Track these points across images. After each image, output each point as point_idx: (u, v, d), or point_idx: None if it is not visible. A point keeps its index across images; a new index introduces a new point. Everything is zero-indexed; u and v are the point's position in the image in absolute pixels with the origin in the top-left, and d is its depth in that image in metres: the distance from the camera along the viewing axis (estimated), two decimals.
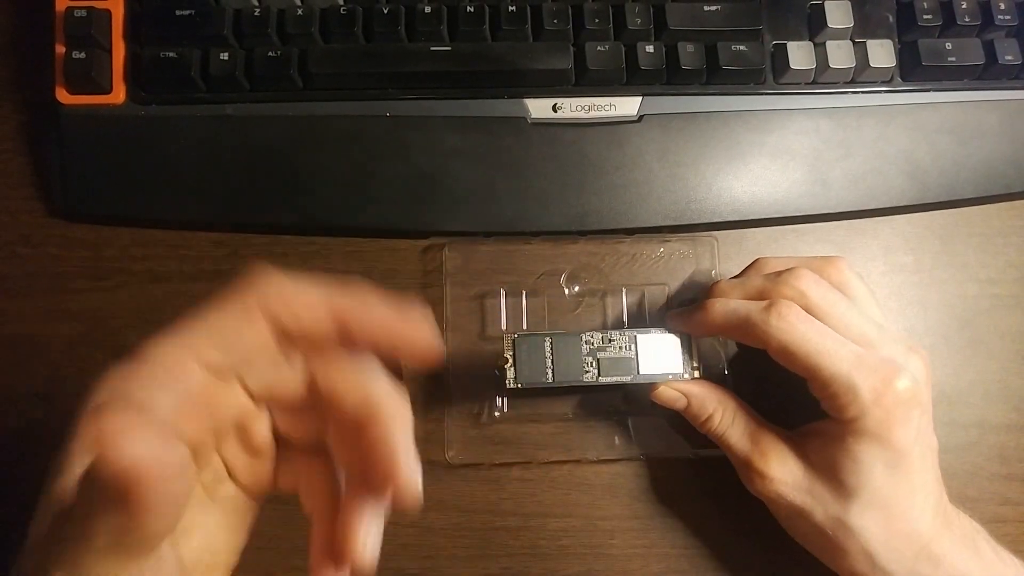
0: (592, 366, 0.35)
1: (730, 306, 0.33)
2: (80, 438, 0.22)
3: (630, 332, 0.35)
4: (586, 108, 0.40)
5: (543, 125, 0.40)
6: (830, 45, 0.40)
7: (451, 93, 0.40)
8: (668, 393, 0.35)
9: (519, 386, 0.35)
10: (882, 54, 0.40)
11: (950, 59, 0.40)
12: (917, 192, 0.40)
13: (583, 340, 0.35)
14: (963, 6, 0.40)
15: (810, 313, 0.31)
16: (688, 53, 0.40)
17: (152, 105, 0.40)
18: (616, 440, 0.39)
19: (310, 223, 0.40)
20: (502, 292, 0.40)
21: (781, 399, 0.35)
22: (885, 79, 0.41)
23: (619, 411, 0.39)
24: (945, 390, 0.39)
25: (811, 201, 0.40)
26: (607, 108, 0.40)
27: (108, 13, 0.40)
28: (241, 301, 0.23)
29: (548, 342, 0.35)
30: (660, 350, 0.35)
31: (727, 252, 0.41)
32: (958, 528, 0.32)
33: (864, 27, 0.41)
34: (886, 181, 0.40)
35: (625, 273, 0.41)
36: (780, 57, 0.40)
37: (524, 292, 0.40)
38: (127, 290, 0.40)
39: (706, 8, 0.40)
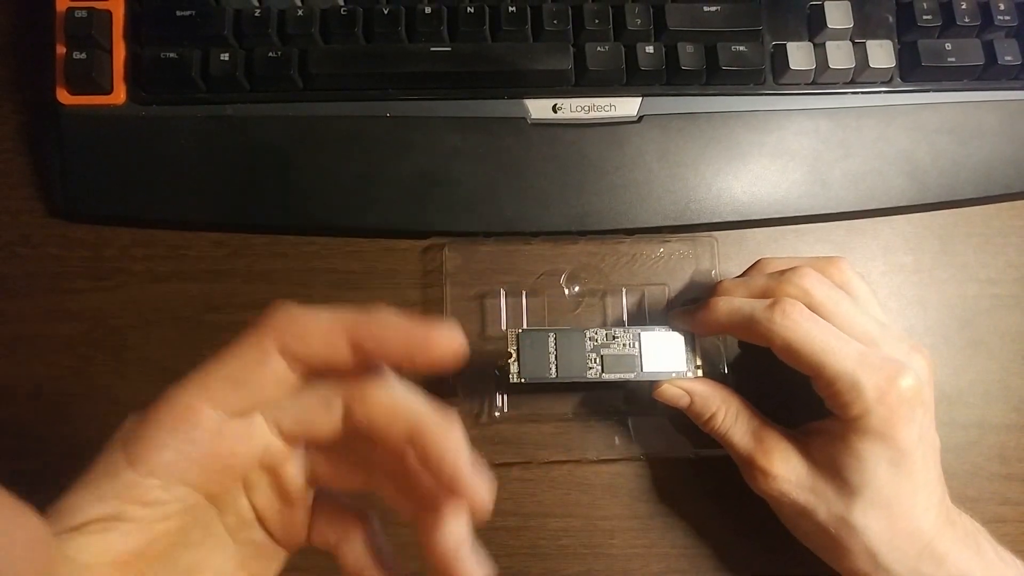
0: (595, 362, 0.35)
1: (734, 304, 0.33)
2: None
3: (634, 329, 0.35)
4: (586, 108, 0.40)
5: (543, 125, 0.40)
6: (830, 46, 0.40)
7: (451, 93, 0.40)
8: (671, 391, 0.35)
9: (522, 381, 0.35)
10: (882, 54, 0.40)
11: (950, 59, 0.40)
12: (917, 192, 0.40)
13: (587, 336, 0.35)
14: (963, 6, 0.40)
15: (814, 311, 0.32)
16: (688, 54, 0.40)
17: (152, 105, 0.40)
18: (616, 440, 0.39)
19: (310, 223, 0.40)
20: (502, 292, 0.40)
21: (781, 398, 0.35)
22: (885, 79, 0.41)
23: (619, 411, 0.39)
24: (945, 390, 0.39)
25: (811, 201, 0.40)
26: (607, 108, 0.40)
27: (108, 13, 0.40)
28: (255, 339, 0.22)
29: (552, 338, 0.35)
30: (663, 348, 0.35)
31: (727, 252, 0.41)
32: (960, 527, 0.32)
33: (864, 27, 0.41)
34: (886, 181, 0.40)
35: (625, 273, 0.41)
36: (780, 57, 0.40)
37: (524, 292, 0.40)
38: (127, 290, 0.40)
39: (706, 9, 0.40)
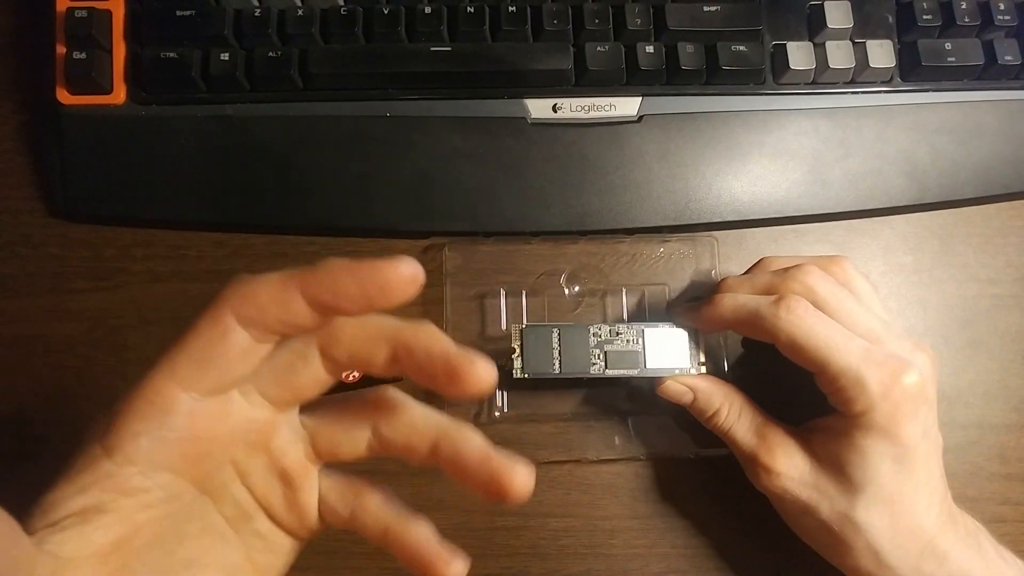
0: (599, 358, 0.35)
1: (739, 300, 0.33)
2: None
3: (638, 326, 0.35)
4: (586, 108, 0.40)
5: (543, 125, 0.40)
6: (830, 45, 0.40)
7: (451, 93, 0.40)
8: (675, 387, 0.35)
9: (526, 376, 0.35)
10: (882, 54, 0.40)
11: (950, 59, 0.40)
12: (917, 192, 0.40)
13: (591, 332, 0.35)
14: (963, 6, 0.40)
15: (818, 308, 0.32)
16: (688, 53, 0.40)
17: (152, 105, 0.40)
18: (616, 440, 0.39)
19: (310, 223, 0.40)
20: (502, 292, 0.40)
21: (782, 397, 0.35)
22: (885, 79, 0.41)
23: (620, 410, 0.39)
24: (945, 390, 0.39)
25: (811, 201, 0.40)
26: (607, 108, 0.40)
27: (109, 13, 0.40)
28: (212, 315, 0.22)
29: (556, 333, 0.35)
30: (667, 345, 0.35)
31: (727, 252, 0.41)
32: (962, 526, 0.32)
33: (864, 27, 0.41)
34: (885, 181, 0.40)
35: (625, 273, 0.41)
36: (780, 57, 0.40)
37: (524, 292, 0.40)
38: (127, 290, 0.40)
39: (706, 8, 0.40)
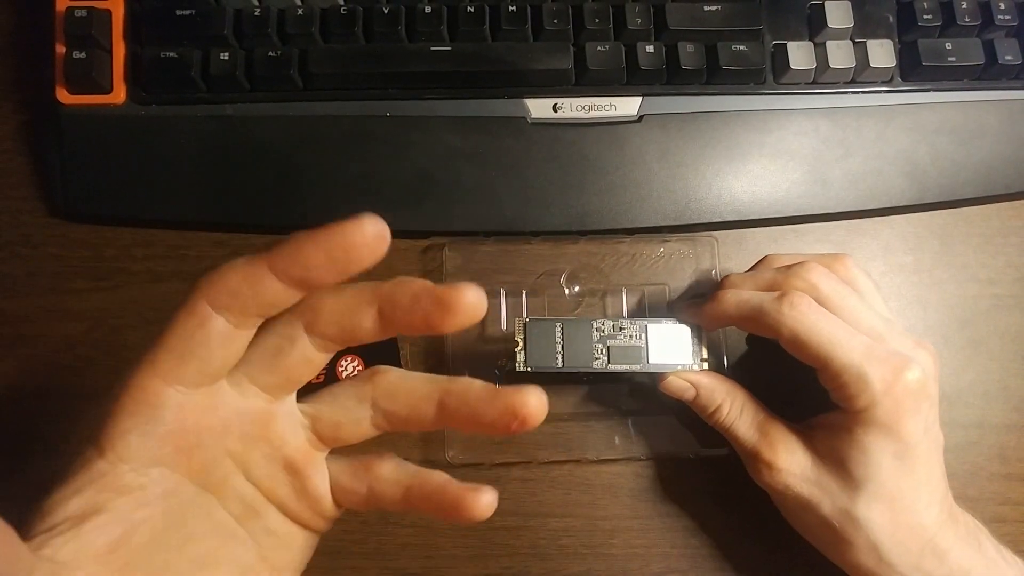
0: (602, 353, 0.35)
1: (742, 296, 0.33)
2: None
3: (641, 321, 0.35)
4: (586, 108, 0.40)
5: (543, 125, 0.40)
6: (830, 45, 0.40)
7: (451, 93, 0.40)
8: (677, 383, 0.35)
9: (528, 370, 0.35)
10: (882, 54, 0.40)
11: (950, 59, 0.40)
12: (917, 192, 0.40)
13: (594, 327, 0.35)
14: (963, 6, 0.40)
15: (821, 305, 0.32)
16: (688, 53, 0.40)
17: (152, 105, 0.40)
18: (616, 440, 0.39)
19: (310, 223, 0.40)
20: (502, 292, 0.40)
21: (782, 396, 0.35)
22: (885, 79, 0.41)
23: (620, 410, 0.39)
24: (945, 390, 0.39)
25: (811, 201, 0.40)
26: (607, 108, 0.40)
27: (108, 13, 0.40)
28: (188, 306, 0.22)
29: (559, 327, 0.35)
30: (670, 340, 0.35)
31: (727, 252, 0.41)
32: (962, 524, 0.32)
33: (864, 27, 0.41)
34: (886, 181, 0.40)
35: (625, 273, 0.41)
36: (780, 57, 0.40)
37: (524, 292, 0.40)
38: (127, 290, 0.40)
39: (706, 8, 0.40)
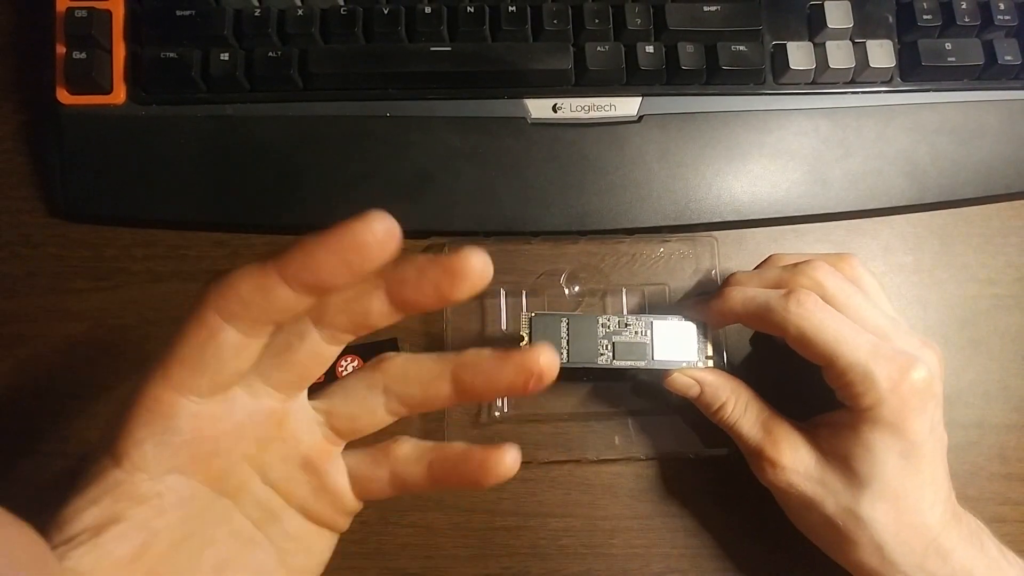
0: (607, 349, 0.35)
1: (749, 293, 0.33)
2: None
3: (646, 318, 0.35)
4: (586, 108, 0.40)
5: (543, 125, 0.40)
6: (830, 45, 0.40)
7: (451, 93, 0.40)
8: (681, 380, 0.35)
9: None
10: (882, 54, 0.40)
11: (950, 59, 0.40)
12: (917, 192, 0.40)
13: (599, 323, 0.35)
14: (963, 6, 0.40)
15: (827, 303, 0.32)
16: (688, 53, 0.40)
17: (152, 105, 0.40)
18: (616, 440, 0.39)
19: (310, 223, 0.39)
20: (502, 292, 0.40)
21: (787, 393, 0.35)
22: (885, 79, 0.41)
23: (620, 410, 0.39)
24: (945, 390, 0.39)
25: (811, 201, 0.40)
26: (607, 108, 0.40)
27: (108, 13, 0.40)
28: (195, 318, 0.22)
29: (565, 323, 0.35)
30: (675, 337, 0.35)
31: (727, 252, 0.41)
32: (965, 525, 0.32)
33: (864, 27, 0.41)
34: (886, 181, 0.40)
35: (625, 273, 0.41)
36: (780, 57, 0.40)
37: (524, 292, 0.40)
38: (127, 290, 0.40)
39: (706, 8, 0.40)
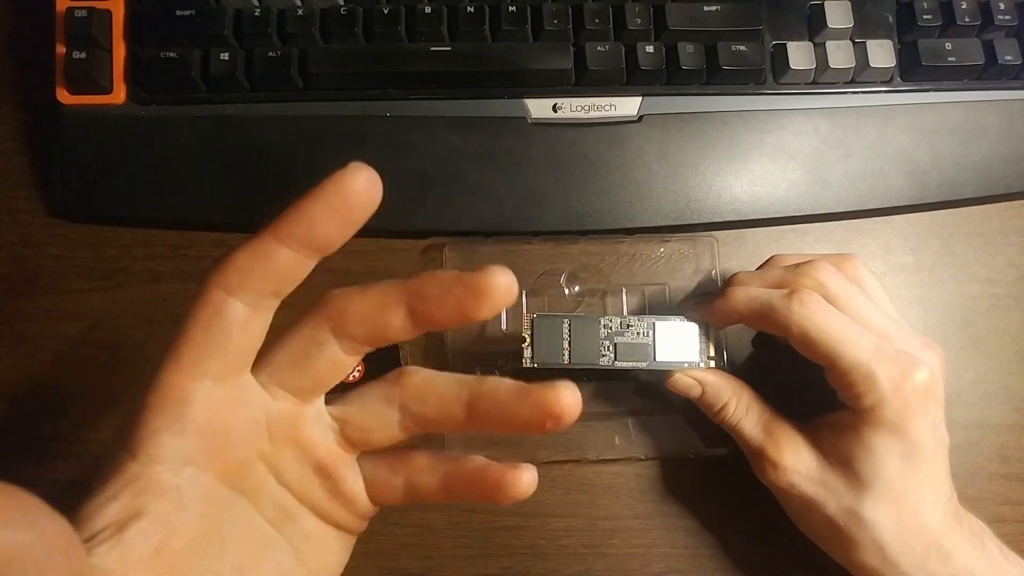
0: (609, 350, 0.35)
1: (751, 293, 0.33)
2: None
3: (649, 319, 0.35)
4: (586, 108, 0.40)
5: (543, 125, 0.40)
6: (830, 45, 0.40)
7: (451, 93, 0.40)
8: (683, 381, 0.35)
9: (535, 366, 0.35)
10: (882, 54, 0.40)
11: (950, 59, 0.40)
12: (917, 192, 0.40)
13: (601, 324, 0.35)
14: (963, 6, 0.40)
15: (829, 303, 0.32)
16: (688, 53, 0.40)
17: (152, 105, 0.40)
18: (616, 440, 0.39)
19: None
20: None
21: (788, 394, 0.35)
22: (885, 79, 0.41)
23: (620, 410, 0.39)
24: (945, 390, 0.39)
25: (811, 201, 0.40)
26: (607, 108, 0.40)
27: (108, 13, 0.40)
28: (201, 297, 0.22)
29: (567, 324, 0.35)
30: (677, 338, 0.35)
31: (727, 252, 0.41)
32: (967, 525, 0.32)
33: (864, 27, 0.41)
34: (886, 181, 0.40)
35: (625, 273, 0.41)
36: (780, 57, 0.40)
37: (524, 292, 0.40)
38: (127, 290, 0.40)
39: (706, 8, 0.40)
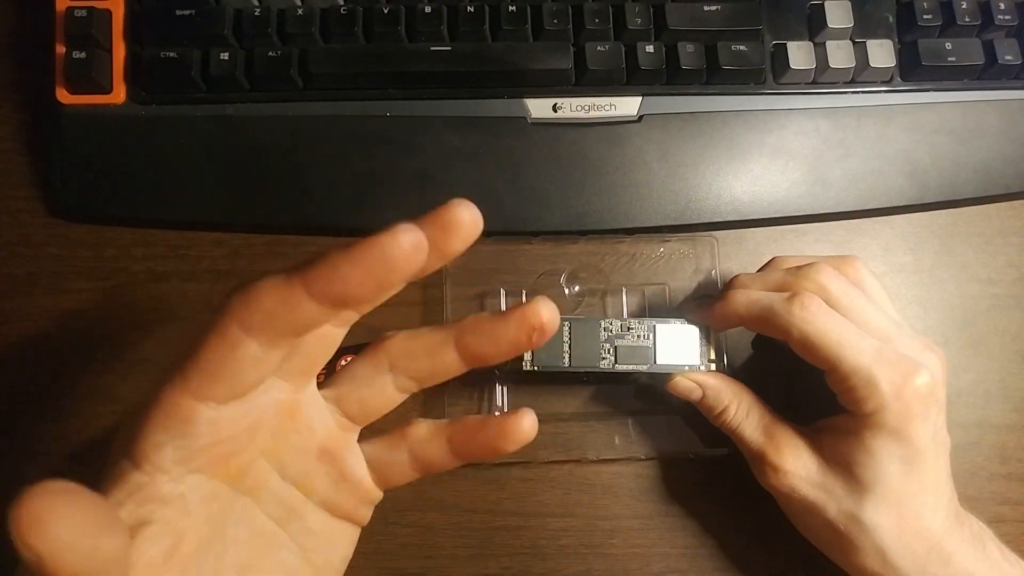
0: (609, 353, 0.35)
1: (752, 296, 0.33)
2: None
3: (649, 321, 0.35)
4: (586, 108, 0.40)
5: (543, 125, 0.40)
6: (830, 45, 0.40)
7: (451, 93, 0.40)
8: (683, 384, 0.35)
9: (535, 369, 0.35)
10: (882, 54, 0.40)
11: (950, 59, 0.40)
12: (917, 192, 0.40)
13: (601, 327, 0.35)
14: (963, 6, 0.40)
15: (830, 306, 0.31)
16: (688, 53, 0.40)
17: (152, 105, 0.40)
18: (616, 440, 0.39)
19: (310, 223, 0.40)
20: (502, 292, 0.40)
21: (789, 397, 0.35)
22: (885, 79, 0.41)
23: (620, 410, 0.39)
24: (946, 391, 0.39)
25: (811, 201, 0.40)
26: (607, 108, 0.40)
27: (108, 13, 0.40)
28: (217, 330, 0.21)
29: (567, 327, 0.35)
30: (678, 341, 0.35)
31: (727, 252, 0.41)
32: (968, 528, 0.32)
33: (864, 27, 0.41)
34: (886, 181, 0.40)
35: (625, 273, 0.41)
36: (780, 57, 0.40)
37: (524, 292, 0.40)
38: (127, 290, 0.40)
39: (706, 8, 0.40)
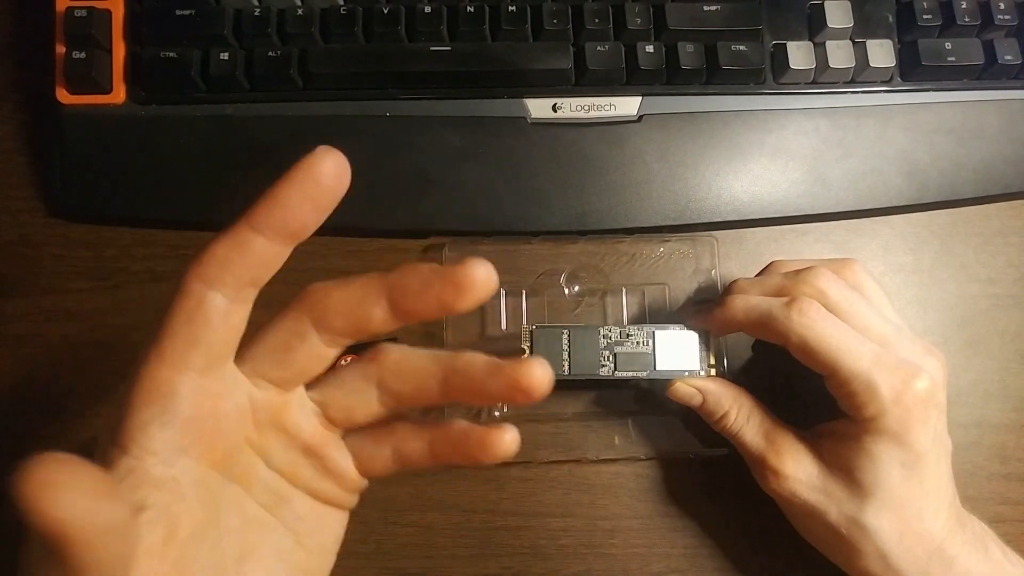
0: (609, 360, 0.35)
1: (751, 302, 0.33)
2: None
3: (648, 327, 0.35)
4: (586, 108, 0.40)
5: (543, 125, 0.40)
6: (830, 45, 0.40)
7: (451, 93, 0.40)
8: (684, 389, 0.35)
9: None
10: (882, 54, 0.40)
11: (950, 59, 0.40)
12: (916, 192, 0.40)
13: (601, 334, 0.35)
14: (963, 6, 0.40)
15: (830, 311, 0.31)
16: (688, 53, 0.40)
17: (152, 105, 0.40)
18: (616, 440, 0.39)
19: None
20: (502, 292, 0.40)
21: (789, 402, 0.35)
22: (885, 79, 0.41)
23: (620, 411, 0.39)
24: (945, 393, 0.39)
25: (811, 201, 0.40)
26: (607, 108, 0.40)
27: (108, 13, 0.40)
28: (181, 290, 0.21)
29: (566, 335, 0.35)
30: (677, 347, 0.35)
31: (727, 252, 0.41)
32: (969, 529, 0.32)
33: (864, 27, 0.41)
34: (885, 181, 0.40)
35: (625, 273, 0.41)
36: (780, 57, 0.40)
37: (524, 292, 0.40)
38: (127, 290, 0.40)
39: (706, 8, 0.40)
